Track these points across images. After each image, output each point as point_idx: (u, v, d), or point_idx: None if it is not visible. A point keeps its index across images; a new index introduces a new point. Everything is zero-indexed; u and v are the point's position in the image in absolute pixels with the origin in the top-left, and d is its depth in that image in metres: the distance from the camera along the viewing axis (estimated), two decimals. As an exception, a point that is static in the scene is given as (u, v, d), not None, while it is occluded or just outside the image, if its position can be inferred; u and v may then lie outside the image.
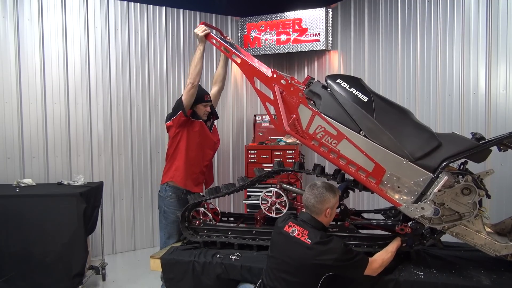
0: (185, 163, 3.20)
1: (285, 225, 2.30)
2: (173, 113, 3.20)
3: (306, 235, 2.19)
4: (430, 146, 2.35)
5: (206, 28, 3.05)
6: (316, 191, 2.28)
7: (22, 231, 3.39)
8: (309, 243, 2.15)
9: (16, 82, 4.18)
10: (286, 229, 2.27)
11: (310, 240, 2.16)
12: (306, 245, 2.15)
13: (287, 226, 2.28)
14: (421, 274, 2.35)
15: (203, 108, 3.26)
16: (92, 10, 4.60)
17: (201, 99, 3.23)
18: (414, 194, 2.35)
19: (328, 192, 2.28)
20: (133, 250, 4.95)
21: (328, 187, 2.31)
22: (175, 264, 2.69)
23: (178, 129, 3.18)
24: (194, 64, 3.08)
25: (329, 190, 2.29)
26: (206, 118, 3.31)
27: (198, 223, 2.93)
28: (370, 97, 2.46)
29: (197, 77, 3.07)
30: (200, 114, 3.26)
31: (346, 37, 5.06)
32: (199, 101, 3.22)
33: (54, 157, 4.41)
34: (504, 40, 3.40)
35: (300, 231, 2.22)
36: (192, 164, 3.24)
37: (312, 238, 2.17)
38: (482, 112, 3.55)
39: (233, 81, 5.63)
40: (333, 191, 2.31)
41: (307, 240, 2.17)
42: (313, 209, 2.28)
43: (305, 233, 2.20)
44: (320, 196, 2.26)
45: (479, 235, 2.35)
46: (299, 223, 2.28)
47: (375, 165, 2.40)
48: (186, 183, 3.20)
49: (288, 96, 2.62)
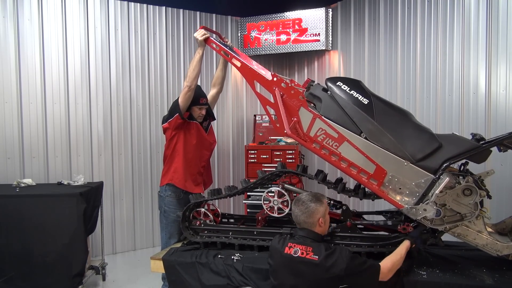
0: (183, 164, 3.20)
1: (284, 248, 2.19)
2: (169, 115, 3.20)
3: (311, 251, 2.11)
4: (430, 148, 2.36)
5: (205, 32, 3.05)
6: (302, 206, 2.23)
7: (22, 231, 3.39)
8: (317, 259, 2.07)
9: (16, 82, 4.17)
10: (287, 251, 2.17)
11: (316, 256, 2.09)
12: (314, 262, 2.07)
13: (287, 248, 2.18)
14: (424, 273, 2.35)
15: (197, 111, 3.25)
16: (92, 10, 4.60)
17: (196, 102, 3.20)
18: (416, 196, 2.35)
19: (314, 204, 2.23)
20: (133, 250, 4.95)
21: (313, 198, 2.25)
22: (177, 266, 2.67)
23: (174, 131, 3.18)
24: (192, 67, 3.08)
25: (315, 201, 2.24)
26: (201, 120, 3.30)
27: (198, 223, 2.92)
28: (370, 99, 2.47)
29: (194, 80, 3.07)
30: (194, 116, 3.25)
31: (346, 37, 5.06)
32: (194, 104, 3.20)
33: (54, 157, 4.40)
34: (504, 40, 3.40)
35: (303, 250, 2.13)
36: (190, 166, 3.24)
37: (317, 254, 2.09)
38: (482, 112, 3.56)
39: (233, 82, 5.63)
40: (319, 201, 2.26)
41: (313, 257, 2.09)
42: (305, 225, 2.23)
43: (309, 250, 2.12)
44: (307, 211, 2.21)
45: (480, 235, 2.35)
46: (299, 241, 2.19)
47: (376, 167, 2.40)
48: (185, 184, 3.20)
49: (288, 99, 2.62)
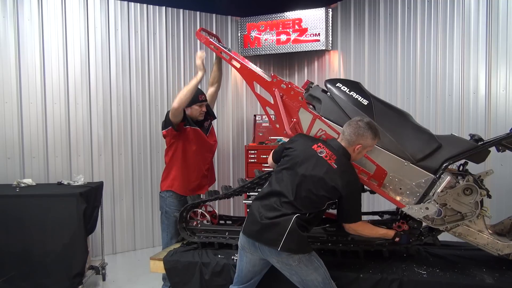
0: (182, 172, 3.16)
1: (313, 144, 2.30)
2: (165, 124, 3.14)
3: (334, 159, 2.20)
4: (430, 148, 2.38)
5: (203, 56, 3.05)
6: (361, 123, 2.24)
7: (22, 231, 3.39)
8: (335, 167, 2.17)
9: (16, 82, 4.17)
10: (315, 148, 2.27)
11: (336, 165, 2.18)
12: (332, 169, 2.17)
13: (316, 146, 2.28)
14: (424, 273, 2.36)
15: (198, 109, 3.19)
16: (92, 10, 4.60)
17: (196, 100, 3.15)
18: (416, 196, 2.37)
19: (370, 132, 2.23)
20: (133, 250, 4.95)
21: (373, 127, 2.26)
22: (179, 267, 2.66)
23: (173, 139, 3.15)
24: (186, 91, 2.99)
25: (372, 130, 2.24)
26: (202, 118, 3.26)
27: (195, 223, 2.93)
28: (370, 100, 2.50)
29: (184, 103, 3.00)
30: (195, 115, 3.20)
31: (346, 37, 5.06)
32: (194, 102, 3.15)
33: (54, 157, 4.40)
34: (504, 40, 3.41)
35: (328, 154, 2.22)
36: (191, 172, 3.20)
37: (338, 165, 2.18)
38: (482, 112, 3.56)
39: (233, 82, 5.63)
40: (375, 133, 2.25)
41: (333, 165, 2.18)
42: (347, 137, 2.25)
43: (333, 157, 2.21)
44: (359, 131, 2.23)
45: (481, 234, 2.36)
46: (328, 146, 2.27)
47: (376, 168, 2.42)
48: (186, 191, 3.17)
49: (288, 100, 2.64)
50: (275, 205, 2.18)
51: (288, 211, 2.14)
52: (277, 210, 2.16)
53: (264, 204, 2.22)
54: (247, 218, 2.28)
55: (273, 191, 2.23)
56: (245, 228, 2.26)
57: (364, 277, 2.36)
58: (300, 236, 2.13)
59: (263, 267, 2.32)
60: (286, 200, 2.17)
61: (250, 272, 2.32)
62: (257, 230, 2.17)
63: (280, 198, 2.18)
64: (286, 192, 2.18)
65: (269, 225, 2.14)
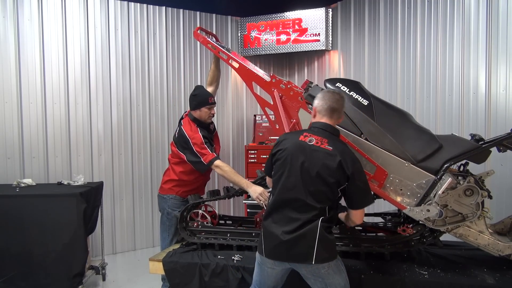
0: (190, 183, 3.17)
1: (299, 135, 2.15)
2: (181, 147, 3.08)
3: (326, 142, 2.08)
4: (431, 148, 2.36)
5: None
6: (335, 95, 2.19)
7: (22, 231, 3.39)
8: (331, 149, 2.05)
9: (16, 82, 4.17)
10: (303, 139, 2.12)
11: (331, 147, 2.06)
12: (328, 152, 2.04)
13: (302, 136, 2.13)
14: (426, 273, 2.36)
15: (207, 111, 3.12)
16: (92, 10, 4.59)
17: (205, 102, 3.08)
18: (417, 197, 2.35)
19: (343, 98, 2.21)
20: (133, 250, 4.95)
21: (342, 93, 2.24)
22: (180, 268, 2.65)
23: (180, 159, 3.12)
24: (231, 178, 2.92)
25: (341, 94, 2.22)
26: (210, 121, 3.20)
27: (196, 224, 2.92)
28: (370, 101, 2.47)
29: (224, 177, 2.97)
30: (204, 117, 3.12)
31: (346, 37, 5.06)
32: (203, 104, 3.08)
33: (54, 157, 4.40)
34: (504, 40, 3.40)
35: (318, 140, 2.09)
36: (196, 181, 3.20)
37: (332, 146, 2.06)
38: (482, 112, 3.56)
39: (233, 81, 5.62)
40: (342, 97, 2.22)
41: (328, 147, 2.05)
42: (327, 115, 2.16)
43: (324, 141, 2.08)
44: (340, 100, 2.18)
45: (482, 235, 2.36)
46: (315, 131, 2.15)
47: (377, 168, 2.40)
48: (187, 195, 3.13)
49: (287, 101, 2.62)
50: (291, 216, 2.01)
51: (308, 216, 1.99)
52: (296, 220, 2.00)
53: (277, 220, 2.05)
54: (264, 241, 2.08)
55: (281, 201, 2.07)
56: (267, 251, 2.07)
57: (366, 278, 2.36)
58: (330, 241, 2.01)
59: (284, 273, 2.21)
60: (299, 204, 2.01)
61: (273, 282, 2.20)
62: (282, 250, 2.00)
63: (292, 205, 2.03)
64: (295, 195, 2.03)
65: (294, 239, 1.97)
